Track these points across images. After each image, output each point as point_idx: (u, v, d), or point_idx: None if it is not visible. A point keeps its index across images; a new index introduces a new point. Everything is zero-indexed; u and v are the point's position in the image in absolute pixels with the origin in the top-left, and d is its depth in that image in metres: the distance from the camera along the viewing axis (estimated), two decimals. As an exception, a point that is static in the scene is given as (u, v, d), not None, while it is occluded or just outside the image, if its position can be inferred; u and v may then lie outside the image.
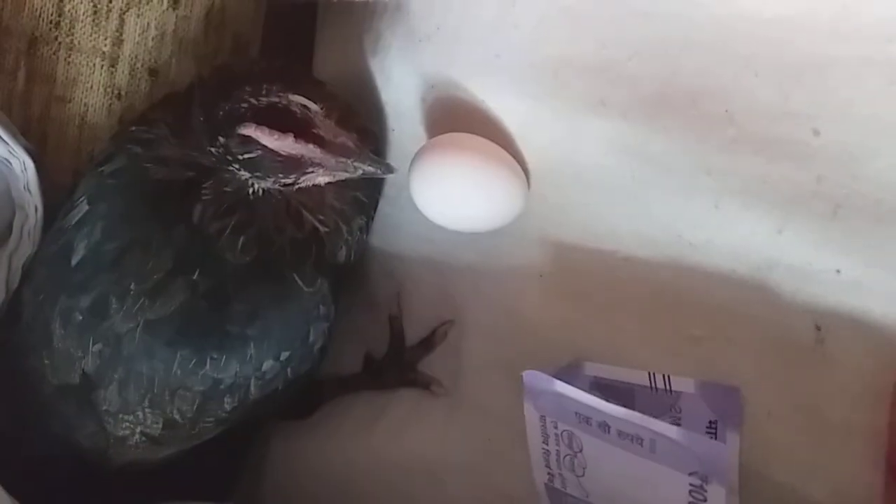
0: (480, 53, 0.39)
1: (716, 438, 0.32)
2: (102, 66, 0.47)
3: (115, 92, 0.48)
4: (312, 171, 0.38)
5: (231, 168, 0.38)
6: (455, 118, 0.40)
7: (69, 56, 0.47)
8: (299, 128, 0.36)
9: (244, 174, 0.38)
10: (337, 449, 0.47)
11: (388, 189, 0.45)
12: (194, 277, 0.38)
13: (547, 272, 0.38)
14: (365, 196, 0.43)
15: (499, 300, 0.41)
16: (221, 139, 0.38)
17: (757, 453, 0.32)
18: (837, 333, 0.30)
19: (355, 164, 0.38)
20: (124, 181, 0.40)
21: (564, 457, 0.36)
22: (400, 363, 0.46)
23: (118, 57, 0.48)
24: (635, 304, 0.35)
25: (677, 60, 0.33)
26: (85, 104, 0.48)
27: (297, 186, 0.39)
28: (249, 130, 0.36)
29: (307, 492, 0.48)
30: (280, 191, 0.39)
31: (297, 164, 0.37)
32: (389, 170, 0.38)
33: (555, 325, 0.39)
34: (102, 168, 0.41)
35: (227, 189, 0.39)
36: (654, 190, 0.34)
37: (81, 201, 0.41)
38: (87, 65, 0.47)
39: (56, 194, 0.45)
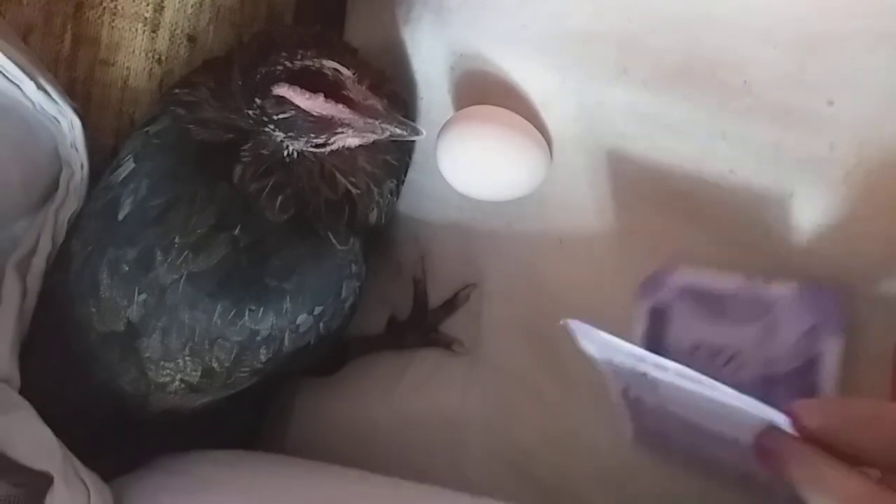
0: (508, 24, 0.40)
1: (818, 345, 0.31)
2: (144, 31, 0.49)
3: (156, 57, 0.50)
4: (342, 132, 0.39)
5: (267, 129, 0.40)
6: (482, 87, 0.42)
7: (113, 21, 0.49)
8: (330, 89, 0.38)
9: (279, 135, 0.40)
10: (360, 404, 0.49)
11: (416, 156, 0.47)
12: (235, 233, 0.40)
13: (566, 238, 0.40)
14: (395, 159, 0.44)
15: (519, 265, 0.42)
16: (258, 100, 0.39)
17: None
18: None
19: (383, 125, 0.39)
20: (168, 141, 0.42)
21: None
22: (423, 324, 0.48)
23: (159, 23, 0.50)
24: (650, 269, 0.37)
25: (699, 33, 0.34)
26: (127, 68, 0.49)
27: (328, 148, 0.41)
28: (283, 90, 0.38)
29: (330, 445, 0.50)
30: (314, 154, 0.41)
31: (327, 125, 0.39)
32: (416, 132, 0.40)
33: (572, 290, 0.40)
34: (147, 128, 0.43)
35: (265, 151, 0.41)
36: (672, 156, 0.36)
37: (128, 159, 0.43)
38: (130, 30, 0.49)
39: (98, 153, 0.48)
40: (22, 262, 0.46)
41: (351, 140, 0.40)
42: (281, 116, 0.39)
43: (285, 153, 0.41)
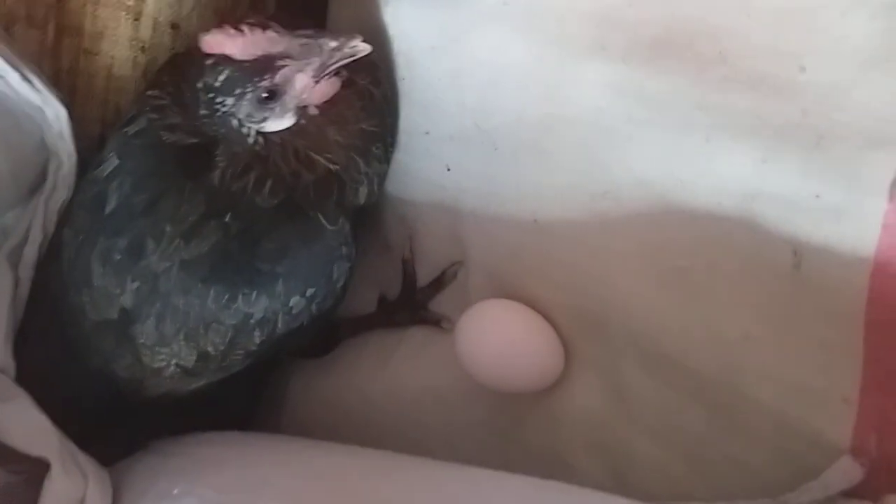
0: (488, 2, 0.40)
1: None
2: (127, 19, 0.49)
3: (140, 45, 0.49)
4: (285, 65, 0.38)
5: (217, 111, 0.39)
6: (462, 65, 0.42)
7: (96, 10, 0.48)
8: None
9: (228, 103, 0.39)
10: (353, 383, 0.49)
11: (400, 136, 0.47)
12: (226, 220, 0.41)
13: (541, 217, 0.40)
14: (373, 125, 0.44)
15: (501, 243, 0.43)
16: (199, 84, 0.39)
17: (735, 374, 0.35)
18: (813, 257, 0.33)
19: (320, 42, 0.38)
20: (147, 142, 0.42)
21: None
22: (412, 303, 0.49)
23: (142, 11, 0.49)
24: (626, 241, 0.37)
25: (673, 5, 0.35)
26: (111, 57, 0.49)
27: (284, 102, 0.39)
28: (207, 39, 0.38)
29: (325, 425, 0.51)
30: (281, 138, 0.41)
31: (266, 63, 0.38)
32: (356, 41, 0.39)
33: (551, 266, 0.41)
34: (127, 129, 0.43)
35: (238, 149, 0.41)
36: (648, 129, 0.36)
37: (111, 156, 0.43)
38: (113, 18, 0.49)
39: (85, 142, 0.47)
40: (13, 253, 0.46)
41: (302, 78, 0.39)
42: (220, 79, 0.39)
43: (251, 141, 0.41)
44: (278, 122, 0.41)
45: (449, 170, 0.45)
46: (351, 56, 0.40)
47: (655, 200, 0.36)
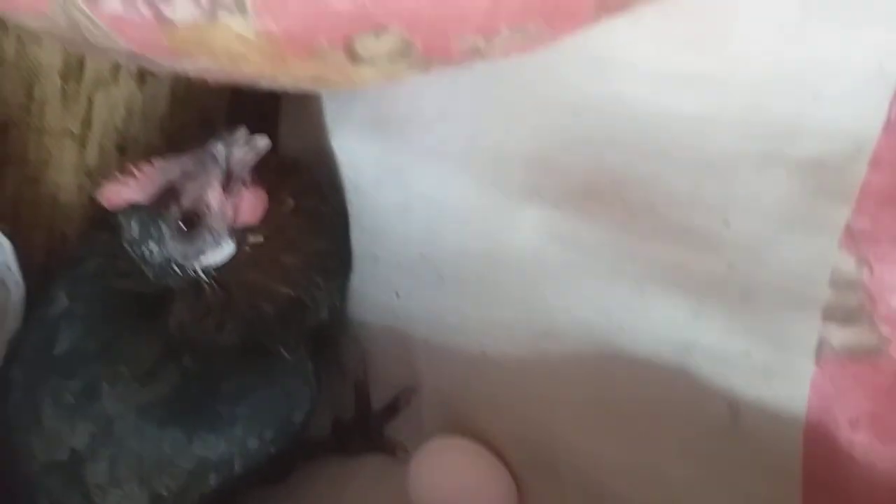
0: (428, 139, 0.42)
1: None
2: (72, 146, 0.50)
3: (86, 171, 0.50)
4: (181, 187, 0.38)
5: (153, 264, 0.40)
6: (406, 197, 0.43)
7: (39, 138, 0.50)
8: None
9: (154, 249, 0.39)
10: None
11: (353, 261, 0.48)
12: (184, 362, 0.42)
13: (489, 350, 0.41)
14: (325, 240, 0.45)
15: (452, 373, 0.44)
16: (125, 245, 0.40)
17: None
18: (749, 413, 0.33)
19: (210, 149, 0.38)
20: (98, 286, 0.43)
21: None
22: (366, 428, 0.49)
23: (87, 137, 0.50)
24: (570, 382, 0.38)
25: (603, 153, 0.36)
26: (56, 184, 0.50)
27: (210, 226, 0.39)
28: (104, 194, 0.39)
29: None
30: (237, 275, 0.42)
31: (168, 193, 0.39)
32: (241, 135, 0.39)
33: (501, 400, 0.42)
34: (76, 270, 0.45)
35: (194, 300, 0.42)
36: (585, 275, 0.37)
37: (61, 295, 0.44)
38: (58, 146, 0.50)
39: (31, 271, 0.48)
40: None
41: (213, 194, 0.39)
42: (135, 229, 0.39)
43: (205, 280, 0.41)
44: (218, 252, 0.41)
45: (398, 296, 0.46)
46: (253, 155, 0.40)
47: (596, 344, 0.37)
